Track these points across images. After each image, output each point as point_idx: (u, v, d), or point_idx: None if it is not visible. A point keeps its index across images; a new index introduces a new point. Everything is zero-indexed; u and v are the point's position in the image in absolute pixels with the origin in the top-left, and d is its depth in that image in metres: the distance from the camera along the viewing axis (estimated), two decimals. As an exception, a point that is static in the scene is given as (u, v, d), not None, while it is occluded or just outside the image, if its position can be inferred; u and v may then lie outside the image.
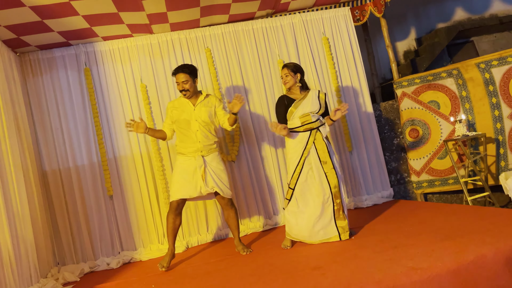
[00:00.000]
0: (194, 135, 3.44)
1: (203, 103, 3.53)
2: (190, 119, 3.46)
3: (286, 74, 3.49)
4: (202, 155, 3.46)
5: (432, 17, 6.92)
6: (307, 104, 3.43)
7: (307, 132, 3.39)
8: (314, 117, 3.41)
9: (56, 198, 4.08)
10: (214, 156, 3.52)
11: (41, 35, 3.88)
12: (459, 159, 4.74)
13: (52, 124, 4.15)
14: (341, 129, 4.75)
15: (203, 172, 3.42)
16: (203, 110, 3.49)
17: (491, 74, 4.54)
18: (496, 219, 3.00)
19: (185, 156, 3.47)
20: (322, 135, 3.42)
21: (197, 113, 3.47)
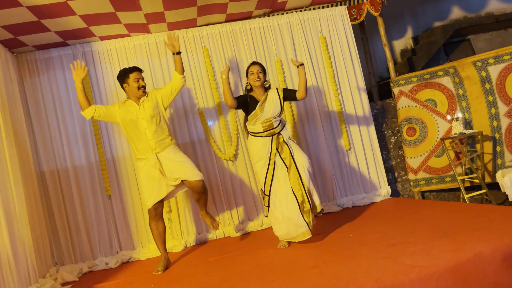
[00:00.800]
0: (143, 134, 3.40)
1: (146, 100, 3.47)
2: (137, 119, 3.41)
3: (259, 70, 3.45)
4: (156, 152, 3.41)
5: (428, 15, 6.94)
6: (269, 107, 3.39)
7: (269, 137, 3.39)
8: (276, 122, 3.42)
9: (54, 198, 4.08)
10: (169, 149, 3.46)
11: (38, 35, 3.88)
12: (456, 157, 4.77)
13: (49, 124, 4.15)
14: (339, 127, 4.77)
15: (160, 168, 3.39)
16: (146, 106, 3.44)
17: (488, 72, 4.56)
18: (493, 216, 3.02)
19: (142, 160, 3.45)
20: (283, 138, 3.42)
21: (141, 111, 3.42)
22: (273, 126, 3.40)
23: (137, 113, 3.43)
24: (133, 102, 3.47)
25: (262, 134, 3.40)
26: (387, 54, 5.20)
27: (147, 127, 3.41)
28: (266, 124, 3.39)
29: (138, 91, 3.43)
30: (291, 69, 4.72)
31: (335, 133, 4.77)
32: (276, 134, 3.41)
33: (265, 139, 3.40)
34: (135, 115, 3.42)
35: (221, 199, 4.41)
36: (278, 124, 3.43)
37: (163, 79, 4.43)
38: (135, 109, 3.44)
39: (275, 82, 4.66)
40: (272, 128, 3.39)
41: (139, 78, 3.43)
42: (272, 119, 3.40)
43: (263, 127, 3.40)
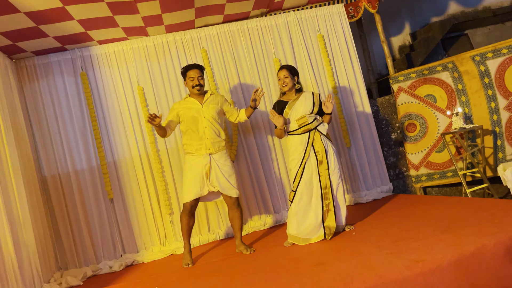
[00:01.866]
0: (202, 132, 3.48)
1: (210, 101, 3.57)
2: (198, 116, 3.49)
3: (285, 75, 3.46)
4: (210, 152, 3.48)
5: (425, 11, 6.94)
6: (300, 105, 3.43)
7: (306, 134, 3.40)
8: (311, 117, 3.42)
9: (57, 203, 4.09)
10: (221, 154, 3.55)
11: (37, 40, 3.89)
12: (457, 151, 4.77)
13: (50, 129, 4.16)
14: (339, 125, 4.77)
15: (207, 171, 3.45)
16: (210, 107, 3.53)
17: (486, 66, 4.57)
18: (495, 210, 3.02)
19: (193, 155, 3.50)
20: (321, 135, 3.41)
21: (205, 110, 3.51)
22: (307, 122, 3.39)
23: (198, 111, 3.51)
24: (194, 100, 3.55)
25: (298, 131, 3.41)
26: (385, 51, 5.20)
27: (207, 126, 3.48)
28: (300, 121, 3.40)
29: (193, 89, 3.52)
30: (289, 68, 4.72)
31: (335, 131, 4.77)
32: (313, 130, 3.39)
33: (301, 136, 3.40)
34: (196, 113, 3.50)
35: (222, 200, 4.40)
36: (313, 120, 3.41)
37: (162, 82, 4.44)
38: (197, 107, 3.52)
39: (274, 82, 4.66)
40: (307, 124, 3.39)
41: (193, 77, 3.51)
42: (306, 115, 3.40)
43: (298, 124, 3.41)
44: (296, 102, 3.45)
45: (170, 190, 4.32)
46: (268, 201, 4.51)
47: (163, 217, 4.28)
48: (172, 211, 4.29)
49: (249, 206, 4.46)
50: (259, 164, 4.52)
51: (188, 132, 3.52)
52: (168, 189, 4.31)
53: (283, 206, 4.54)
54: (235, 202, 3.54)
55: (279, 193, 4.56)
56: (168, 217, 4.29)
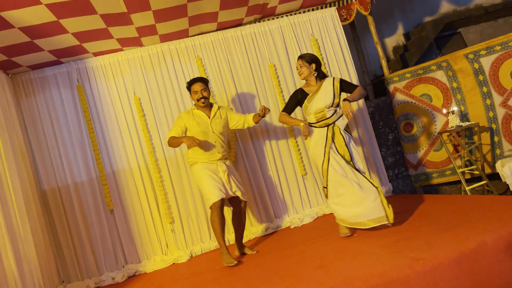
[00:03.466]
0: (213, 146, 3.56)
1: (217, 116, 3.67)
2: (208, 131, 3.57)
3: (300, 65, 3.50)
4: (224, 161, 3.64)
5: (418, 11, 7.00)
6: (320, 98, 3.38)
7: (324, 128, 3.37)
8: (329, 112, 3.38)
9: (57, 216, 4.08)
10: (229, 162, 3.73)
11: (32, 55, 3.91)
12: (454, 150, 4.78)
13: (48, 142, 4.16)
14: (336, 128, 4.78)
15: (226, 177, 3.52)
16: (217, 122, 3.63)
17: (480, 64, 4.59)
18: (494, 206, 3.03)
19: (205, 163, 3.54)
20: (340, 129, 3.37)
21: (213, 125, 3.61)
22: (326, 116, 3.37)
23: (207, 126, 3.59)
24: (202, 113, 3.62)
25: (316, 124, 3.41)
26: (379, 52, 5.23)
27: (217, 140, 3.59)
28: (318, 115, 3.40)
29: (198, 102, 3.60)
30: (284, 72, 4.75)
31: (333, 134, 4.78)
32: (331, 125, 3.37)
33: (319, 130, 3.39)
34: (206, 128, 3.59)
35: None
36: (332, 114, 3.38)
37: (159, 91, 4.45)
38: (206, 122, 3.60)
39: (270, 87, 4.69)
40: (325, 119, 3.38)
41: (197, 91, 3.58)
42: (325, 109, 3.38)
43: (316, 117, 3.41)
44: (316, 95, 3.41)
45: (170, 199, 4.32)
46: (268, 206, 4.51)
47: (164, 226, 4.28)
48: (172, 219, 4.29)
49: (250, 211, 4.46)
50: (258, 170, 4.53)
51: (197, 148, 3.51)
52: (168, 198, 4.31)
53: (284, 211, 4.54)
54: (245, 207, 3.65)
55: (279, 198, 4.56)
56: (169, 226, 4.29)
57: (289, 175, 4.61)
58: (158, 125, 4.38)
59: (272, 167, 4.58)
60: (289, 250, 3.40)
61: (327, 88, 3.42)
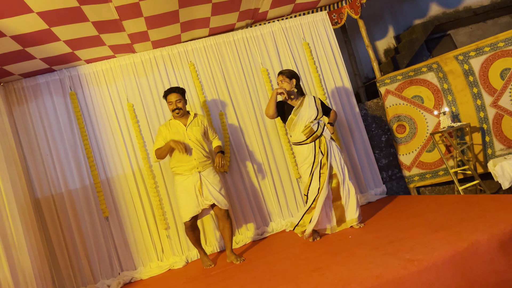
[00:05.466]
0: (189, 153, 3.56)
1: (194, 123, 3.68)
2: (184, 139, 3.59)
3: (281, 80, 3.60)
4: (199, 171, 3.57)
5: (408, 14, 7.07)
6: (305, 111, 3.54)
7: (311, 144, 3.53)
8: (315, 126, 3.53)
9: (51, 224, 4.06)
10: (209, 170, 3.66)
11: (24, 63, 3.90)
12: (447, 150, 4.83)
13: (41, 150, 4.14)
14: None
15: (199, 187, 3.55)
16: (195, 129, 3.64)
17: (470, 65, 4.65)
18: (487, 205, 3.06)
19: (182, 175, 3.60)
20: (326, 139, 3.56)
21: (189, 132, 3.62)
22: (314, 131, 3.51)
23: (184, 133, 3.61)
24: (179, 122, 3.66)
25: (306, 141, 3.53)
26: (370, 55, 5.28)
27: (193, 148, 3.59)
28: (306, 131, 3.52)
29: (173, 113, 3.65)
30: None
31: (326, 137, 4.81)
32: (319, 137, 3.53)
33: (308, 146, 3.53)
34: (182, 136, 3.61)
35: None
36: (318, 126, 3.53)
37: (152, 97, 4.45)
38: (183, 129, 3.63)
39: (263, 91, 4.71)
40: (313, 133, 3.51)
41: (172, 102, 3.62)
42: (311, 124, 3.51)
43: (305, 134, 3.52)
44: (301, 108, 3.56)
45: (165, 204, 4.31)
46: (263, 210, 4.53)
47: (160, 232, 4.27)
48: (168, 225, 4.28)
49: (245, 216, 4.46)
50: (253, 174, 4.54)
51: (176, 154, 3.61)
52: (162, 204, 4.31)
53: (279, 214, 4.55)
54: (225, 214, 3.63)
55: (273, 202, 4.57)
56: (164, 232, 4.28)
57: (283, 179, 4.62)
58: (152, 131, 4.38)
59: (267, 171, 4.59)
60: (285, 253, 3.41)
61: (310, 102, 3.60)
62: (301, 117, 3.53)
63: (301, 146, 3.57)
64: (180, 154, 3.55)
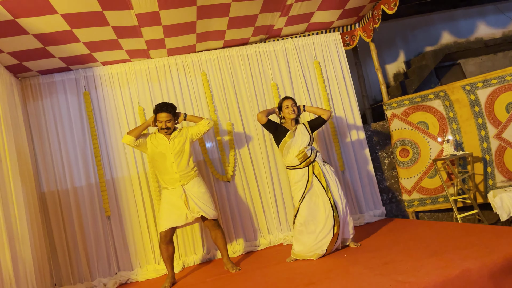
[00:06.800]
0: (170, 167, 3.59)
1: (177, 135, 3.68)
2: (166, 152, 3.61)
3: (293, 104, 3.71)
4: (182, 184, 3.60)
5: (419, 40, 7.18)
6: (298, 135, 3.63)
7: (305, 168, 3.59)
8: (309, 151, 3.60)
9: (54, 219, 4.14)
10: (194, 182, 3.66)
11: (43, 60, 4.03)
12: (448, 177, 4.87)
13: (51, 146, 4.25)
14: (333, 149, 4.89)
15: (185, 201, 3.56)
16: (176, 141, 3.65)
17: (477, 96, 4.73)
18: (482, 235, 3.11)
19: (168, 189, 3.64)
20: (320, 164, 3.61)
21: (171, 146, 3.63)
22: (307, 156, 3.58)
23: (166, 147, 3.62)
24: (163, 136, 3.66)
25: (300, 166, 3.59)
26: (379, 78, 5.37)
27: (174, 161, 3.60)
28: (300, 156, 3.58)
29: (161, 131, 3.66)
30: (286, 92, 4.87)
31: (330, 155, 4.88)
32: (312, 162, 3.59)
33: (302, 170, 3.59)
34: (164, 149, 3.61)
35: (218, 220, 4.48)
36: (311, 152, 3.60)
37: (163, 103, 4.56)
38: (165, 143, 3.63)
39: (271, 105, 4.80)
40: (307, 158, 3.58)
41: (161, 121, 3.60)
42: (304, 149, 3.59)
43: (299, 159, 3.59)
44: (295, 133, 3.65)
45: (166, 209, 4.38)
46: (263, 222, 4.58)
47: (159, 235, 4.32)
48: (167, 229, 4.34)
49: (244, 226, 4.52)
50: (255, 185, 4.61)
51: (158, 167, 3.65)
52: (164, 208, 4.38)
53: (277, 227, 4.61)
54: (216, 224, 3.68)
55: (273, 214, 4.63)
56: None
57: (285, 193, 4.68)
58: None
59: (269, 183, 4.65)
60: (279, 266, 3.46)
61: (301, 129, 3.70)
62: (295, 141, 3.61)
63: (295, 170, 3.63)
64: (162, 167, 3.59)
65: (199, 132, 3.78)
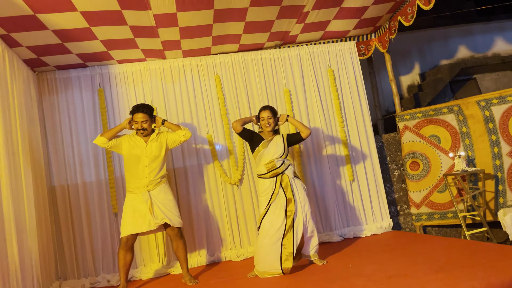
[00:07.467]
0: (142, 170, 3.54)
1: (154, 139, 3.65)
2: (141, 155, 3.57)
3: (269, 116, 3.66)
4: (148, 189, 3.53)
5: (436, 53, 7.13)
6: (272, 146, 3.60)
7: (273, 178, 3.55)
8: (279, 162, 3.57)
9: (63, 213, 4.19)
10: (161, 188, 3.59)
11: (60, 56, 4.09)
12: (458, 193, 4.82)
13: (63, 141, 4.30)
14: (343, 158, 4.87)
15: (150, 206, 3.49)
16: (153, 145, 3.62)
17: (491, 112, 4.67)
18: (490, 254, 3.06)
19: (133, 193, 3.56)
20: (289, 177, 3.56)
21: (148, 149, 3.60)
22: (275, 167, 3.56)
23: (143, 150, 3.59)
24: (140, 139, 3.63)
25: (266, 175, 3.56)
26: (393, 89, 5.34)
27: (148, 165, 3.55)
28: (269, 165, 3.57)
29: (138, 132, 3.61)
30: (299, 98, 4.87)
31: (340, 164, 4.86)
32: (280, 174, 3.55)
33: (270, 181, 3.55)
34: (140, 151, 3.58)
35: (223, 223, 4.49)
36: (281, 164, 3.57)
37: (175, 103, 4.60)
38: (142, 145, 3.61)
39: (283, 111, 4.80)
40: (275, 169, 3.55)
41: (137, 121, 3.56)
42: (275, 160, 3.56)
43: (267, 168, 3.57)
44: (270, 143, 3.63)
45: (173, 209, 4.41)
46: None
47: (164, 234, 4.35)
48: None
49: (250, 231, 4.51)
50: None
51: (130, 169, 3.59)
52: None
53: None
54: (178, 233, 3.60)
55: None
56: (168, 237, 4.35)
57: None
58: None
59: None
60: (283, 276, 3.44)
61: (277, 141, 3.66)
62: (268, 151, 3.58)
63: (263, 180, 3.59)
64: (134, 169, 3.54)
65: (175, 141, 3.72)
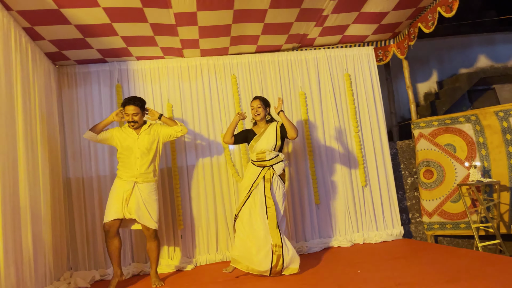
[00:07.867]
0: (133, 162, 3.59)
1: (146, 131, 3.69)
2: (133, 147, 3.61)
3: (258, 105, 3.74)
4: (136, 181, 3.56)
5: (454, 62, 7.05)
6: (263, 140, 3.65)
7: (259, 168, 3.61)
8: (269, 155, 3.61)
9: (76, 204, 4.26)
10: (148, 185, 3.61)
11: (81, 51, 4.16)
12: (472, 204, 4.75)
13: (81, 134, 4.37)
14: (356, 163, 4.84)
15: (128, 196, 3.52)
16: (145, 138, 3.65)
17: (509, 123, 4.60)
18: (503, 266, 3.02)
19: (121, 180, 3.60)
20: (275, 173, 3.58)
21: (140, 141, 3.63)
22: (265, 158, 3.61)
23: (134, 141, 3.63)
24: (132, 130, 3.68)
25: (255, 163, 3.66)
26: (410, 96, 5.30)
27: (139, 157, 3.60)
28: (259, 156, 3.64)
29: (129, 124, 3.66)
30: (314, 102, 4.87)
31: (352, 169, 4.84)
32: (268, 167, 3.60)
33: (256, 168, 3.63)
34: (132, 143, 3.63)
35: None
36: (272, 158, 3.61)
37: (191, 101, 4.64)
38: (134, 137, 3.65)
39: (298, 114, 4.81)
40: (263, 160, 3.61)
41: (128, 114, 3.60)
42: (266, 152, 3.61)
43: (257, 157, 3.65)
44: (261, 137, 3.68)
45: (184, 205, 4.44)
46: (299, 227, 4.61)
47: (175, 231, 4.39)
48: (183, 226, 4.40)
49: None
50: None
51: (122, 160, 3.63)
52: (182, 204, 4.43)
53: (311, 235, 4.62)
54: (153, 234, 3.60)
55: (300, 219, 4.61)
56: (179, 232, 4.40)
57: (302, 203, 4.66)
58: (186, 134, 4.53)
59: (288, 192, 4.65)
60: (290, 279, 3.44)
61: (270, 131, 3.69)
62: (259, 144, 3.65)
63: (251, 165, 3.68)
64: (126, 160, 3.58)
65: (171, 135, 3.77)
